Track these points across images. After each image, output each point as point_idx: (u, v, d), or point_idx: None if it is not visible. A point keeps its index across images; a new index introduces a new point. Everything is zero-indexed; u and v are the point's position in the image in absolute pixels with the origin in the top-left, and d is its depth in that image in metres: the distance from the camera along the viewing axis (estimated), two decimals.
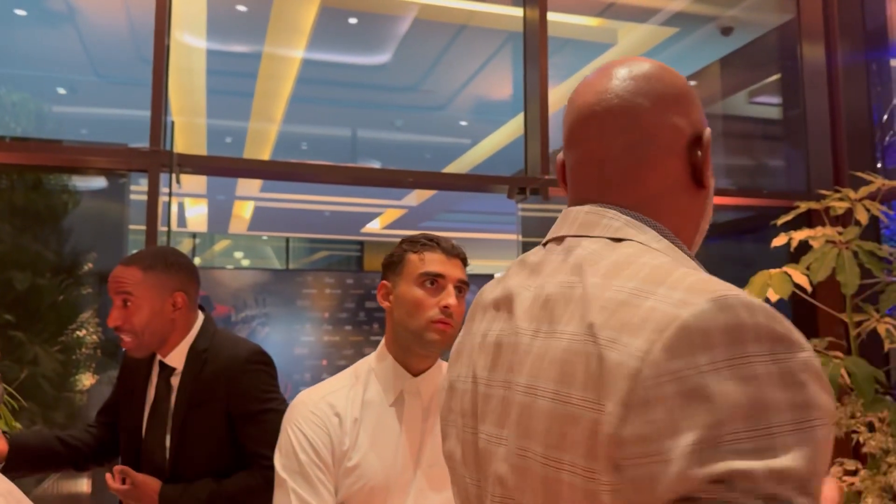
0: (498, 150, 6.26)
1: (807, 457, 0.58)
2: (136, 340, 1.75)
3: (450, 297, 1.41)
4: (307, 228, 10.08)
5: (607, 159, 0.79)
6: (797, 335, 0.63)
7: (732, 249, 4.43)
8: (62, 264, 4.04)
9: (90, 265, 4.24)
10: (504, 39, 4.77)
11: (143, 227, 3.06)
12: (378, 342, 1.52)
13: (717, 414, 0.58)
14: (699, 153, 0.79)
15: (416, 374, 1.44)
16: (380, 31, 4.77)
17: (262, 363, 1.80)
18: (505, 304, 0.82)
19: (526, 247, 3.85)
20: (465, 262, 1.48)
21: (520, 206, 3.55)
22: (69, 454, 1.85)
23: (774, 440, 0.58)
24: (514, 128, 5.86)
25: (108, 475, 1.73)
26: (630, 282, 0.68)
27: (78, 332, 4.04)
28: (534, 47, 3.38)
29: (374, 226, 9.30)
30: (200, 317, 1.87)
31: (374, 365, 1.48)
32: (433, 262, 1.43)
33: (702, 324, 0.61)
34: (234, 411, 1.74)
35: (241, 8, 4.45)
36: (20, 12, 4.21)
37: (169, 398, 1.79)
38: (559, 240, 0.81)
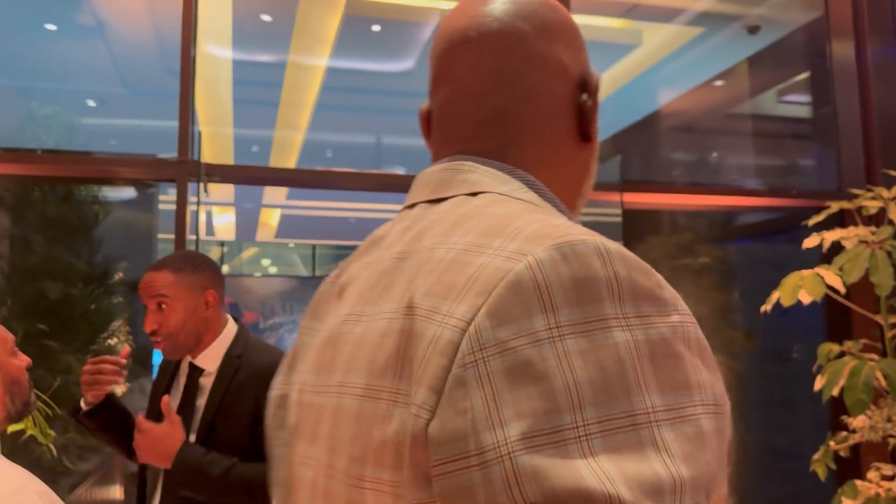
0: None
1: (691, 458, 0.43)
2: (171, 342, 1.78)
3: None
4: (333, 235, 10.14)
5: (481, 94, 0.65)
6: (669, 292, 0.47)
7: (763, 251, 4.36)
8: (93, 274, 4.10)
9: (120, 274, 4.31)
10: None
11: (172, 237, 3.10)
12: None
13: (555, 397, 0.42)
14: (586, 98, 0.66)
15: None
16: (403, 37, 4.79)
17: None
18: (340, 292, 0.66)
19: None
20: None
21: None
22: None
23: (640, 433, 0.42)
24: None
25: (140, 415, 1.77)
26: (466, 236, 0.53)
27: (109, 341, 4.11)
28: None
29: None
30: (233, 324, 1.91)
31: None
32: None
33: (539, 277, 0.45)
34: (260, 413, 1.76)
35: (266, 17, 4.50)
36: (51, 27, 4.30)
37: (195, 399, 1.82)
38: (412, 207, 0.65)
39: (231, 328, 1.88)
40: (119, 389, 4.01)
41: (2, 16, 4.33)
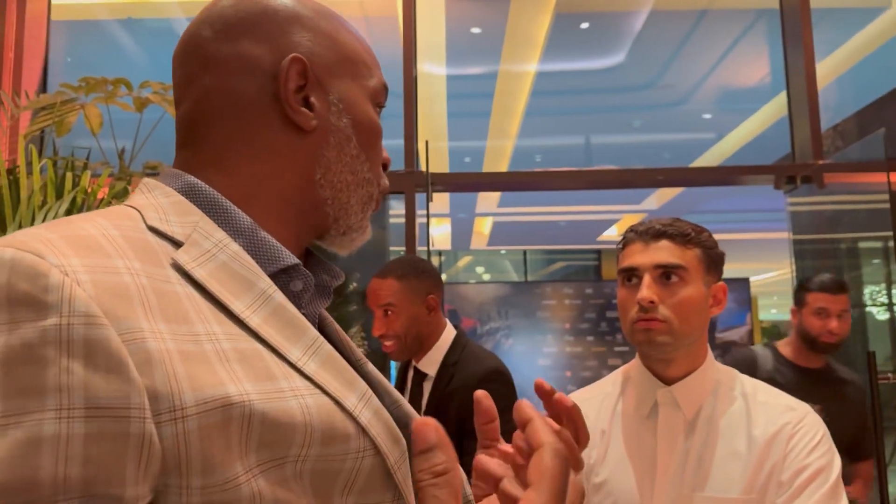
0: (747, 141, 5.80)
1: (6, 462, 0.42)
2: (398, 344, 1.87)
3: (643, 290, 1.23)
4: (543, 240, 10.15)
5: (177, 106, 0.67)
6: (58, 295, 0.46)
7: None
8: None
9: (355, 284, 4.63)
10: (752, 19, 4.41)
11: (403, 248, 3.25)
12: (622, 353, 1.40)
13: None
14: (291, 86, 0.63)
15: (669, 383, 1.27)
16: (612, 31, 4.66)
17: (497, 382, 1.83)
18: None
19: (797, 245, 3.48)
20: (679, 240, 1.26)
21: (789, 199, 3.22)
22: None
23: None
24: (766, 115, 5.38)
25: None
26: None
27: None
28: (794, 21, 3.07)
29: (612, 233, 9.09)
30: (451, 329, 1.95)
31: (632, 372, 1.34)
32: (629, 255, 1.28)
33: None
34: (464, 428, 1.78)
35: (476, 30, 4.62)
36: None
37: (420, 403, 1.89)
38: None
39: (449, 333, 1.93)
40: None
41: None
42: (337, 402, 0.55)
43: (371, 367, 0.73)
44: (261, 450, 0.50)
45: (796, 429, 1.21)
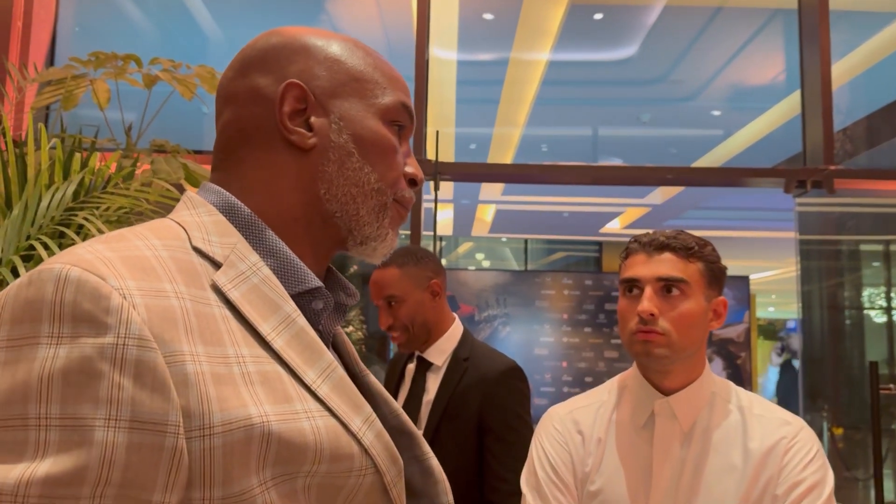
0: (756, 140, 5.77)
1: (68, 463, 0.49)
2: (406, 334, 1.86)
3: (643, 302, 1.22)
4: (545, 230, 10.13)
5: (215, 140, 0.76)
6: (117, 317, 0.52)
7: None
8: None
9: (356, 267, 4.63)
10: (767, 18, 4.37)
11: (407, 232, 3.24)
12: (618, 345, 1.40)
13: None
14: (286, 109, 0.69)
15: (666, 393, 1.27)
16: (626, 23, 4.63)
17: (518, 379, 1.84)
18: None
19: (804, 245, 3.48)
20: (682, 253, 1.25)
21: (797, 200, 3.21)
22: None
23: (28, 434, 0.49)
24: (775, 115, 5.36)
25: None
26: None
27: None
28: (811, 22, 3.04)
29: (614, 225, 9.07)
30: (459, 323, 1.95)
31: (629, 381, 1.34)
32: (631, 266, 1.27)
33: (2, 298, 0.55)
34: (484, 424, 1.78)
35: (488, 16, 4.58)
36: None
37: (422, 393, 1.88)
38: None
39: (458, 327, 1.92)
40: None
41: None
42: (343, 424, 0.62)
43: (371, 379, 0.79)
44: (276, 465, 0.56)
45: (792, 443, 1.21)
